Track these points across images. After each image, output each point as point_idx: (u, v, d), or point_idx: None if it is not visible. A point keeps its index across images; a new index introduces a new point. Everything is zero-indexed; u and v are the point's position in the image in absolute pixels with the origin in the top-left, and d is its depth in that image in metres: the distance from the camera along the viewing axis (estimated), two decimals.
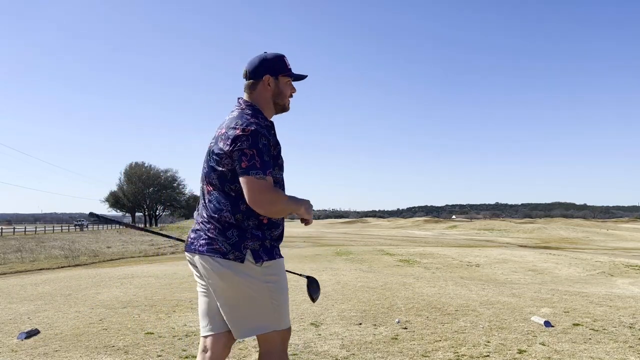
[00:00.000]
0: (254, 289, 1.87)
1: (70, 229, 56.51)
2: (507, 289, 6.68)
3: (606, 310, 4.94)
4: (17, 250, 22.43)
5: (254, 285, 1.87)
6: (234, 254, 1.84)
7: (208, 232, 1.90)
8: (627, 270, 10.87)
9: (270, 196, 1.81)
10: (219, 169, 1.88)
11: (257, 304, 1.88)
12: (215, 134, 1.98)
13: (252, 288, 1.86)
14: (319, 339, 3.86)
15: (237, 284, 1.86)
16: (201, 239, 1.92)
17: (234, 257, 1.84)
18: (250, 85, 2.03)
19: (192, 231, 2.00)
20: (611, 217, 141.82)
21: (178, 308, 5.21)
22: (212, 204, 1.92)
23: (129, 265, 13.99)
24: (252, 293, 1.87)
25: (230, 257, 1.84)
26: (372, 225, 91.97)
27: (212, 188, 1.93)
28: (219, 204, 1.90)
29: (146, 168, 78.08)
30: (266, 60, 2.02)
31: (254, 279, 1.87)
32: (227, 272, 1.85)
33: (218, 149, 1.89)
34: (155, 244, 28.20)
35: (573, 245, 34.75)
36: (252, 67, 2.02)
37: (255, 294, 1.87)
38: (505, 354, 3.41)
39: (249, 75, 2.03)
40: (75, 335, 4.04)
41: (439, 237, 45.24)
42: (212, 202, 1.92)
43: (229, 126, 1.90)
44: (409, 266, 12.06)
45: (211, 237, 1.89)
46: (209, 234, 1.90)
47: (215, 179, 1.91)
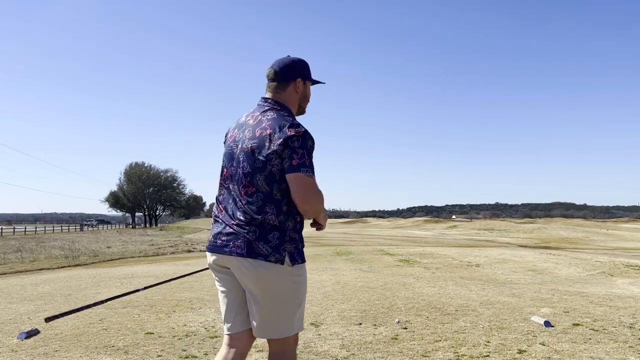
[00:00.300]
0: (288, 290, 1.91)
1: (70, 229, 56.49)
2: (507, 289, 6.68)
3: (606, 310, 4.93)
4: (17, 250, 22.43)
5: (288, 287, 1.91)
6: (275, 257, 1.87)
7: (248, 235, 1.88)
8: (627, 270, 10.86)
9: (318, 194, 1.89)
10: (268, 169, 1.88)
11: (287, 306, 1.93)
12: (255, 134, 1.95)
13: (286, 290, 1.91)
14: (319, 339, 3.85)
15: (275, 285, 1.89)
16: (239, 241, 1.89)
17: (275, 259, 1.86)
18: (279, 86, 2.07)
19: (223, 234, 1.95)
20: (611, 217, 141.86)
21: (178, 308, 5.21)
22: (254, 206, 1.89)
23: (129, 265, 13.99)
24: (285, 295, 1.91)
25: (272, 259, 1.86)
26: (372, 225, 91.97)
27: (256, 189, 1.90)
28: (264, 206, 1.88)
29: (146, 168, 78.06)
30: (298, 63, 2.09)
31: (289, 281, 1.91)
32: (267, 273, 1.87)
33: (266, 149, 1.88)
34: (155, 244, 28.21)
35: (573, 245, 34.75)
36: (283, 68, 2.06)
37: (288, 295, 1.92)
38: (505, 354, 3.41)
39: (280, 77, 2.06)
40: (75, 335, 4.04)
41: (439, 237, 45.23)
42: (254, 204, 1.89)
43: (275, 126, 1.90)
44: (409, 266, 12.05)
45: (251, 239, 1.87)
46: (248, 237, 1.88)
47: (261, 180, 1.89)
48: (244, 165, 1.93)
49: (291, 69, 2.07)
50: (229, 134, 2.10)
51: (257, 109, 2.06)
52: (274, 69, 2.07)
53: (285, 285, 1.90)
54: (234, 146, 2.01)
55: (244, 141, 1.96)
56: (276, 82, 2.06)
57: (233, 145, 2.02)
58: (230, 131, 2.10)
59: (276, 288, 1.89)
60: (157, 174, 78.77)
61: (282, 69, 2.06)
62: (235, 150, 2.00)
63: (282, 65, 2.07)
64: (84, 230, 54.83)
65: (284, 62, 2.08)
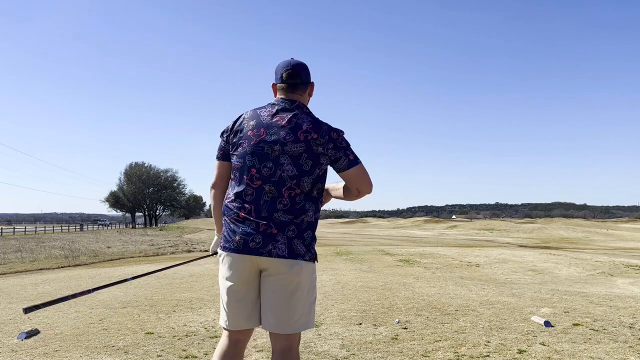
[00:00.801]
0: (313, 286, 2.03)
1: (70, 229, 56.48)
2: (507, 289, 6.68)
3: (606, 310, 4.93)
4: (17, 250, 22.42)
5: (313, 283, 2.03)
6: (309, 255, 1.97)
7: (287, 234, 1.93)
8: (627, 270, 10.86)
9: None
10: (317, 172, 1.98)
11: (311, 301, 2.02)
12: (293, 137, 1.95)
13: (312, 285, 2.02)
14: (319, 339, 3.85)
15: (307, 282, 1.98)
16: (279, 243, 1.91)
17: (309, 257, 1.97)
18: (301, 89, 2.11)
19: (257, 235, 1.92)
20: (611, 217, 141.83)
21: (178, 308, 5.21)
22: (297, 207, 1.95)
23: (129, 265, 13.99)
24: (311, 290, 2.01)
25: (307, 257, 1.96)
26: (372, 225, 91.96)
27: (301, 191, 1.95)
28: (305, 206, 1.97)
29: (146, 168, 78.06)
30: (307, 67, 2.14)
31: (314, 277, 2.03)
32: (302, 271, 1.95)
33: (315, 152, 1.95)
34: (155, 244, 28.21)
35: (573, 245, 34.75)
36: (303, 71, 2.11)
37: (312, 290, 2.02)
38: (505, 354, 3.41)
39: (302, 79, 2.09)
40: (75, 335, 4.04)
41: (439, 237, 45.24)
42: (298, 205, 1.95)
43: (319, 130, 1.98)
44: (409, 266, 12.05)
45: (291, 239, 1.93)
46: (288, 236, 1.93)
47: (309, 182, 1.97)
48: (289, 168, 1.95)
49: (307, 72, 2.12)
50: (250, 132, 2.01)
51: (281, 110, 2.02)
52: (297, 71, 2.08)
53: (312, 281, 2.01)
54: (267, 147, 1.97)
55: (286, 144, 1.95)
56: (300, 84, 2.09)
57: (265, 146, 1.97)
58: (251, 129, 2.02)
59: (306, 284, 1.98)
60: (157, 174, 78.78)
61: (303, 72, 2.10)
62: (270, 152, 1.96)
63: (301, 68, 2.10)
64: (84, 230, 54.82)
65: (302, 65, 2.11)
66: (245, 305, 2.00)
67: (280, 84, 2.09)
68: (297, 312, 1.96)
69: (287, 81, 2.07)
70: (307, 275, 1.96)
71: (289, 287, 1.93)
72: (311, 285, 2.00)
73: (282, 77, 2.08)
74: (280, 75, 2.09)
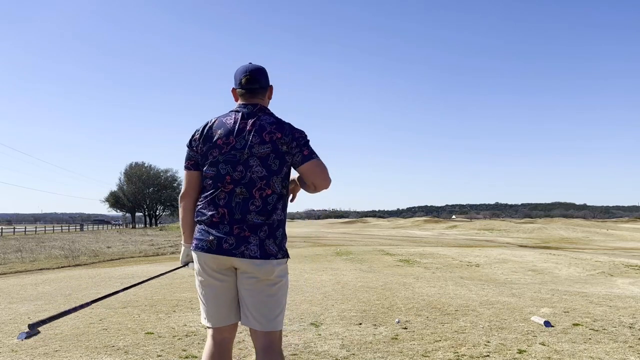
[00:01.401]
0: (286, 284, 2.08)
1: (70, 229, 56.48)
2: (507, 289, 6.68)
3: (606, 310, 4.93)
4: (17, 250, 22.42)
5: (286, 281, 2.08)
6: (281, 253, 2.03)
7: (260, 235, 1.98)
8: (627, 270, 10.86)
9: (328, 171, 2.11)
10: (284, 170, 2.05)
11: (285, 298, 2.09)
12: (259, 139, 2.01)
13: (284, 285, 2.07)
14: (319, 339, 3.86)
15: (281, 279, 2.03)
16: (251, 244, 1.97)
17: (282, 255, 2.03)
18: (262, 93, 2.15)
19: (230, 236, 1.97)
20: (611, 217, 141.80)
21: (178, 308, 5.21)
22: (270, 207, 2.01)
23: (129, 265, 13.99)
24: (285, 288, 2.08)
25: (279, 256, 2.01)
26: (372, 225, 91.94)
27: (272, 191, 2.01)
28: (276, 205, 2.03)
29: (146, 168, 78.07)
30: (266, 71, 2.18)
31: (287, 275, 2.09)
32: (275, 270, 2.01)
33: (281, 152, 2.01)
34: (155, 244, 28.21)
35: (573, 245, 34.75)
36: (264, 76, 2.16)
37: (286, 288, 2.09)
38: (505, 354, 3.41)
39: (263, 84, 2.14)
40: (76, 335, 4.04)
41: (439, 237, 45.22)
42: (269, 205, 2.01)
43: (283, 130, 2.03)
44: (409, 266, 12.05)
45: (263, 239, 1.98)
46: (260, 237, 1.98)
47: (278, 182, 2.03)
48: (258, 169, 2.01)
49: (266, 76, 2.16)
50: (220, 141, 2.05)
51: (245, 115, 2.08)
52: (255, 77, 2.12)
53: (283, 280, 2.05)
54: (238, 153, 2.02)
55: (253, 147, 2.01)
56: (259, 89, 2.13)
57: (237, 153, 2.02)
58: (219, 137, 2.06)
59: (278, 282, 2.03)
60: (157, 174, 78.78)
61: (261, 76, 2.14)
62: (240, 157, 2.02)
63: (259, 73, 2.14)
64: (84, 230, 54.83)
65: (260, 69, 2.15)
66: (224, 302, 2.06)
67: (240, 89, 2.14)
68: (273, 310, 2.03)
69: (245, 87, 2.13)
70: (279, 273, 2.02)
71: (263, 287, 2.00)
72: (284, 282, 2.06)
73: (241, 82, 2.13)
74: (240, 80, 2.14)
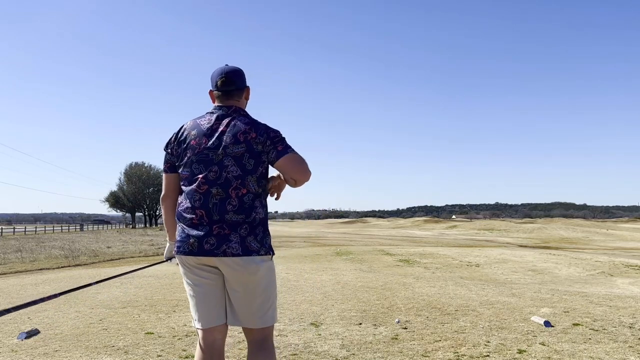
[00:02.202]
0: (273, 279, 2.09)
1: (70, 229, 56.49)
2: (507, 289, 6.68)
3: (606, 310, 4.93)
4: (17, 250, 22.42)
5: (272, 277, 2.09)
6: (264, 249, 2.02)
7: (239, 233, 1.98)
8: (627, 270, 10.86)
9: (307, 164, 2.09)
10: (260, 170, 2.03)
11: (273, 294, 2.09)
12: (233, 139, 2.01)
13: (272, 279, 2.08)
14: (319, 339, 3.86)
15: (265, 276, 2.03)
16: (232, 242, 1.97)
17: (264, 252, 2.02)
18: (237, 94, 2.16)
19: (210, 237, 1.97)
20: (611, 217, 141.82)
21: (178, 308, 5.21)
22: (246, 206, 2.01)
23: (129, 265, 13.99)
24: (273, 283, 2.08)
25: (262, 252, 2.01)
26: (372, 225, 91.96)
27: (247, 190, 2.01)
28: (253, 204, 2.02)
29: (146, 168, 78.04)
30: (243, 72, 2.20)
31: (272, 270, 2.09)
32: (259, 267, 2.00)
33: (256, 151, 2.01)
34: (155, 244, 28.20)
35: (573, 245, 34.75)
36: (240, 77, 2.16)
37: (273, 284, 2.09)
38: (505, 354, 3.41)
39: (238, 85, 2.15)
40: (76, 335, 4.04)
41: (439, 237, 45.22)
42: (246, 204, 2.01)
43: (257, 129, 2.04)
44: (409, 266, 12.05)
45: (244, 237, 1.98)
46: (240, 234, 1.98)
47: (253, 181, 2.02)
48: (233, 169, 2.01)
49: (242, 78, 2.17)
50: (193, 141, 2.06)
51: (220, 116, 2.09)
52: (231, 79, 2.13)
53: (269, 276, 2.06)
54: (211, 153, 2.03)
55: (227, 147, 2.01)
56: (234, 90, 2.14)
57: (209, 153, 2.03)
58: (193, 138, 2.07)
59: (266, 278, 2.04)
60: (157, 174, 78.67)
61: (236, 78, 2.14)
62: (214, 157, 2.02)
63: (235, 75, 2.14)
64: (84, 230, 54.84)
65: (236, 71, 2.16)
66: (213, 302, 2.06)
67: (216, 91, 2.15)
68: (264, 307, 2.04)
69: (221, 89, 2.13)
70: (264, 269, 2.02)
71: (249, 284, 2.00)
72: (270, 278, 2.07)
73: (217, 84, 2.14)
74: (215, 82, 2.15)
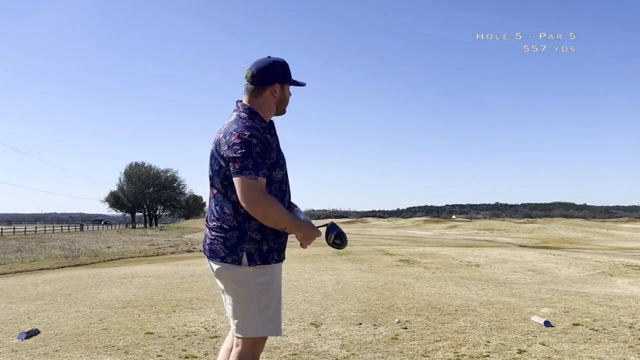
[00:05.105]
0: (249, 291, 1.94)
1: (70, 229, 56.51)
2: (507, 289, 6.68)
3: (606, 310, 4.94)
4: (17, 250, 22.42)
5: (249, 288, 1.94)
6: (231, 257, 1.92)
7: (211, 236, 1.99)
8: (627, 270, 10.86)
9: (260, 197, 1.84)
10: (223, 172, 1.95)
11: (249, 306, 1.95)
12: (215, 138, 2.01)
13: (246, 290, 1.94)
14: (319, 339, 3.86)
15: (234, 285, 1.95)
16: (206, 243, 2.01)
17: (231, 260, 1.92)
18: (255, 90, 2.03)
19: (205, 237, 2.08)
20: (611, 217, 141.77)
21: (178, 308, 5.21)
22: (218, 207, 1.98)
23: (129, 265, 13.99)
24: (246, 295, 1.94)
25: (228, 260, 1.92)
26: (372, 225, 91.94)
27: (217, 192, 1.99)
28: (224, 208, 1.96)
29: (146, 168, 78.02)
30: (275, 66, 2.03)
31: (250, 281, 1.93)
32: (225, 274, 1.95)
33: (220, 154, 1.94)
34: (155, 244, 28.22)
35: (573, 245, 34.76)
36: (262, 72, 2.01)
37: (249, 296, 1.94)
38: (505, 354, 3.41)
39: (258, 81, 2.01)
40: (76, 335, 4.04)
41: (439, 237, 45.22)
42: (218, 206, 1.98)
43: (227, 131, 1.95)
44: (409, 266, 12.05)
45: (213, 240, 1.97)
46: (211, 238, 1.99)
47: (219, 183, 1.97)
48: (209, 169, 2.03)
49: (269, 73, 2.02)
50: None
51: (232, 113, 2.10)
52: (252, 72, 2.02)
53: (245, 286, 1.93)
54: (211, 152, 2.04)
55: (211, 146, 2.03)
56: (253, 85, 2.02)
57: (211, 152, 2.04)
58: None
59: (236, 287, 1.94)
60: (157, 174, 78.73)
61: (260, 72, 2.01)
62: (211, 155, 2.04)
63: (260, 68, 2.01)
64: (84, 230, 54.88)
65: (263, 65, 2.02)
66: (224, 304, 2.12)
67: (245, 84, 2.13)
68: (233, 315, 1.98)
69: (246, 81, 2.07)
70: (234, 277, 1.92)
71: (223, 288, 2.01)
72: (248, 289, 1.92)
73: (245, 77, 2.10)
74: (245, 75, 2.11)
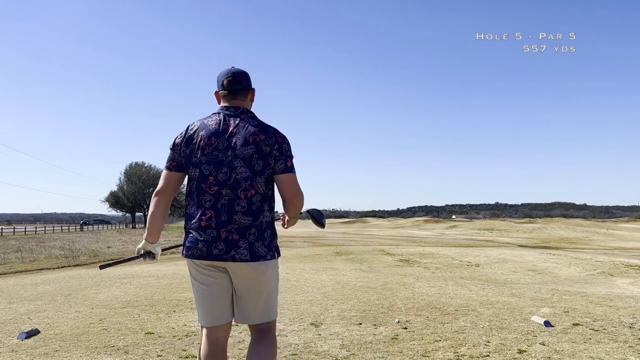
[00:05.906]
0: (276, 279, 2.18)
1: (70, 229, 56.52)
2: (507, 289, 6.68)
3: (606, 310, 4.94)
4: (17, 250, 22.42)
5: (276, 277, 2.18)
6: (270, 254, 2.09)
7: (249, 237, 2.04)
8: (627, 270, 10.86)
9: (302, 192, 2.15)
10: (267, 172, 2.07)
11: (276, 292, 2.21)
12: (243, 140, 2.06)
13: (275, 279, 2.17)
14: (319, 339, 3.86)
15: (270, 277, 2.13)
16: (241, 248, 2.03)
17: (271, 256, 2.10)
18: (244, 95, 2.21)
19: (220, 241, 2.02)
20: (611, 217, 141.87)
21: (178, 308, 5.21)
22: (255, 207, 2.05)
23: (129, 265, 13.98)
24: (275, 283, 2.18)
25: (269, 257, 2.09)
26: (372, 225, 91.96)
27: (255, 192, 2.05)
28: (262, 206, 2.08)
29: (146, 168, 77.99)
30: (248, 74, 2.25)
31: (276, 271, 2.18)
32: (266, 270, 2.08)
33: (264, 153, 2.05)
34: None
35: (573, 245, 34.75)
36: (246, 78, 2.21)
37: (276, 283, 2.19)
38: (505, 354, 3.41)
39: (245, 86, 2.20)
40: (76, 335, 4.04)
41: (439, 237, 45.21)
42: (254, 206, 2.05)
43: (266, 132, 2.08)
44: (409, 266, 12.05)
45: (252, 241, 2.04)
46: (249, 239, 2.04)
47: (262, 182, 2.07)
48: (242, 170, 2.05)
49: (248, 79, 2.22)
50: (202, 142, 2.08)
51: (227, 117, 2.13)
52: (237, 78, 2.18)
53: (275, 276, 2.16)
54: (220, 154, 2.07)
55: (237, 148, 2.06)
56: (241, 90, 2.19)
57: (219, 154, 2.07)
58: (202, 139, 2.09)
59: (271, 280, 2.13)
60: (157, 174, 78.54)
61: (243, 78, 2.20)
62: (224, 158, 2.06)
63: (243, 75, 2.20)
64: (84, 230, 54.87)
65: (243, 72, 2.21)
66: (218, 301, 2.14)
67: (222, 91, 2.19)
68: (269, 303, 2.16)
69: (228, 88, 2.17)
70: (271, 272, 2.13)
71: (256, 286, 2.09)
72: (275, 278, 2.18)
73: (224, 84, 2.18)
74: (222, 82, 2.19)
